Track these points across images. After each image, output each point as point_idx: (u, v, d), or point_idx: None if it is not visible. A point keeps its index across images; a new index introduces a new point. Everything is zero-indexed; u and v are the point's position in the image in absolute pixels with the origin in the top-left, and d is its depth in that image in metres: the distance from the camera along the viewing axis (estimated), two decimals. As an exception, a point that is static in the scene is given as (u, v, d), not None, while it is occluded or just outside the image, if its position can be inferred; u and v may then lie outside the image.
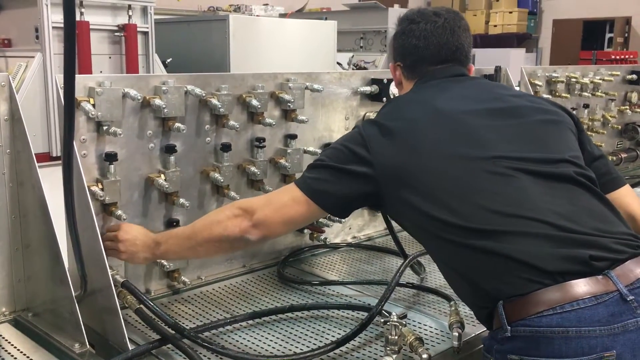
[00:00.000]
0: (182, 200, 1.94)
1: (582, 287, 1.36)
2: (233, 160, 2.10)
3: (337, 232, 2.53)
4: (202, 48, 6.20)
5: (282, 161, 2.22)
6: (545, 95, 3.18)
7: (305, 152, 2.29)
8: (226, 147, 2.06)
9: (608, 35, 13.55)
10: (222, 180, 2.04)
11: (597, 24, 13.50)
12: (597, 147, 1.81)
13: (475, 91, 1.75)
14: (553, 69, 3.32)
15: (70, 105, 1.38)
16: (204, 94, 1.95)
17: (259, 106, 2.09)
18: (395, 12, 10.32)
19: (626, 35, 13.28)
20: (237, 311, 1.90)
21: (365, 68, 9.29)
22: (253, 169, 2.13)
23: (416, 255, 2.12)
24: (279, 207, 1.66)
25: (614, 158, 3.60)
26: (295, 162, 2.25)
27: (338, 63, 7.98)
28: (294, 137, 2.26)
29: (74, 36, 1.25)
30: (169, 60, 5.91)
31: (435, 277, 2.16)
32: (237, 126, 2.03)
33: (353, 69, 8.98)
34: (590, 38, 13.51)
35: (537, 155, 1.56)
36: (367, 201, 1.71)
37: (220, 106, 1.98)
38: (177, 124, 1.89)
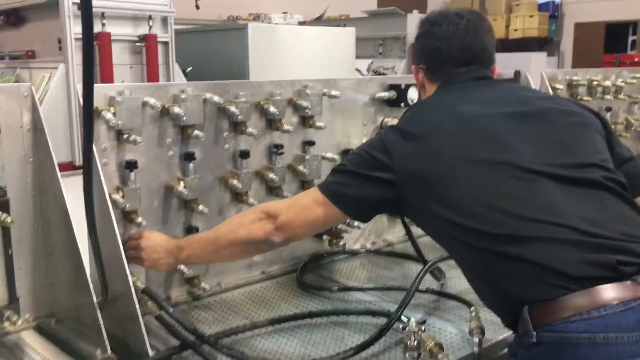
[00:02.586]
0: (201, 207, 1.95)
1: (609, 292, 1.33)
2: (251, 167, 2.11)
3: (356, 238, 2.53)
4: (221, 57, 6.27)
5: (300, 167, 2.23)
6: (566, 99, 3.15)
7: (323, 158, 2.29)
8: (245, 154, 2.07)
9: (631, 38, 13.37)
10: (240, 187, 2.05)
11: (619, 26, 13.34)
12: (627, 149, 1.76)
13: (499, 94, 1.73)
14: (574, 72, 3.28)
15: (89, 114, 1.40)
16: (222, 102, 1.96)
17: (277, 113, 2.10)
18: (414, 18, 10.29)
19: (650, 37, 13.08)
20: (256, 317, 1.91)
21: (384, 74, 9.29)
22: (271, 175, 2.14)
23: (436, 261, 2.11)
24: (301, 210, 1.68)
25: (638, 161, 3.53)
26: (313, 169, 2.25)
27: (357, 70, 8.00)
28: (312, 143, 2.27)
29: (91, 46, 1.27)
30: (189, 69, 5.98)
31: (455, 282, 2.15)
32: (256, 133, 2.04)
33: (372, 75, 8.99)
34: (613, 41, 13.35)
35: (563, 160, 1.53)
36: (389, 207, 1.70)
37: (238, 113, 2.00)
38: (196, 132, 1.91)
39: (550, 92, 3.10)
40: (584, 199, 1.48)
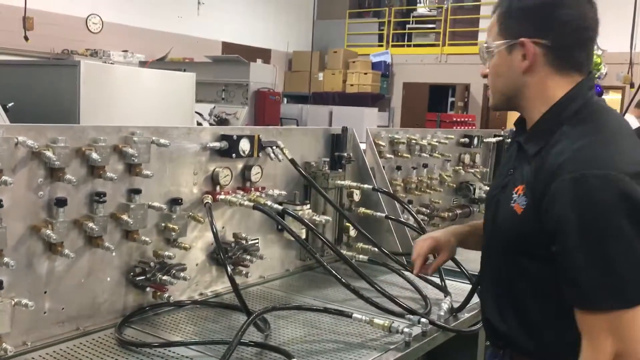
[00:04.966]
0: (6, 259, 1.79)
1: None
2: (69, 216, 1.99)
3: (183, 289, 2.46)
4: (50, 94, 5.87)
5: (124, 217, 2.14)
6: (388, 155, 3.39)
7: (149, 207, 2.23)
8: (61, 202, 1.94)
9: (451, 99, 14.91)
10: (55, 237, 1.91)
11: (441, 88, 14.82)
12: None
13: None
14: (396, 130, 3.56)
15: None
16: (36, 146, 1.84)
17: (100, 160, 2.01)
18: (257, 67, 10.59)
19: (466, 100, 14.70)
20: (65, 380, 1.76)
21: (226, 120, 9.34)
22: (91, 225, 2.03)
23: (260, 312, 2.12)
24: None
25: (450, 214, 3.89)
26: (138, 218, 2.17)
27: (199, 113, 7.95)
28: (138, 191, 2.19)
29: None
30: (10, 105, 5.52)
31: (280, 333, 2.17)
32: (74, 180, 1.93)
33: (215, 120, 8.98)
34: (436, 100, 14.79)
35: None
36: None
37: (55, 159, 1.88)
38: (4, 177, 1.76)
39: (374, 147, 3.33)
40: None
